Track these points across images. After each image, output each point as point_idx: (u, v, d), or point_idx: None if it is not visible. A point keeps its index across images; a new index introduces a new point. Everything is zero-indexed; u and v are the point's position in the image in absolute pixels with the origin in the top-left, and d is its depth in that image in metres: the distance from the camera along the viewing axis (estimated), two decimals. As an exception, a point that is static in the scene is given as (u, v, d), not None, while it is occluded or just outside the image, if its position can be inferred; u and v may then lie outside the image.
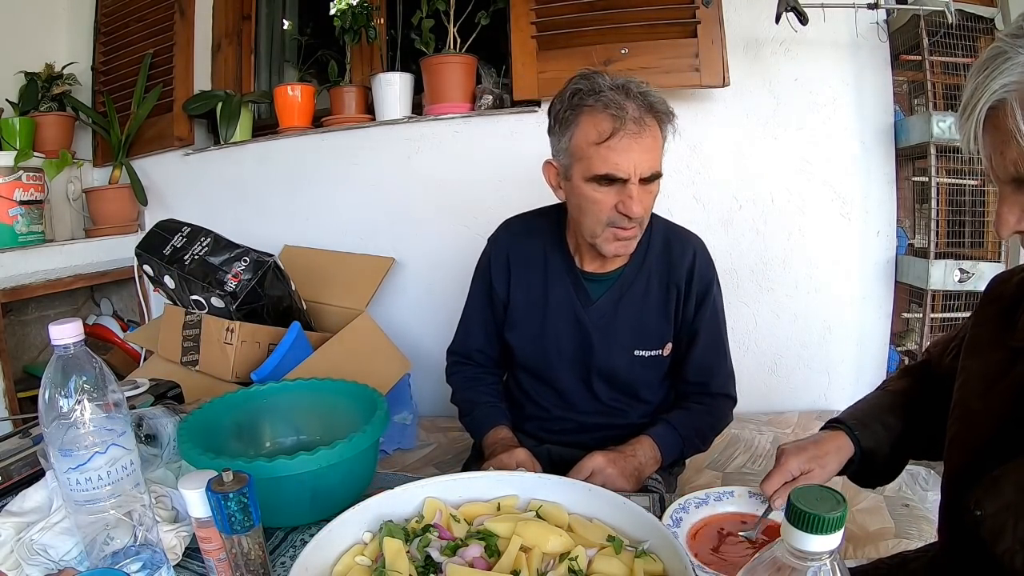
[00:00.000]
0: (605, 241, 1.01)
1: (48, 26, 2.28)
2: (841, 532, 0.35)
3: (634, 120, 0.92)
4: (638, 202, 0.95)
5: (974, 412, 0.65)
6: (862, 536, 1.20)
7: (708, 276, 1.11)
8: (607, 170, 0.94)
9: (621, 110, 0.92)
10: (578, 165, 0.97)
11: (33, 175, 1.96)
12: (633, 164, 0.93)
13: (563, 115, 0.98)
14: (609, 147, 0.93)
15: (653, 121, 0.95)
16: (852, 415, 0.81)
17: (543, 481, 0.73)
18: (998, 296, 0.69)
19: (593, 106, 0.94)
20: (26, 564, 0.67)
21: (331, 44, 2.12)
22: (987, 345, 0.67)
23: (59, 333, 0.60)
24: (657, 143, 0.96)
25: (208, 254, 1.57)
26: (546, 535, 0.64)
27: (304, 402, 0.97)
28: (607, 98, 0.93)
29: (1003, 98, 0.51)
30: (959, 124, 0.55)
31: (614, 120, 0.92)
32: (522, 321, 1.15)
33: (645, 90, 0.95)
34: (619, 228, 0.98)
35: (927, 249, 1.61)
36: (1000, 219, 0.56)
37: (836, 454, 0.77)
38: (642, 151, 0.93)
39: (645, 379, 1.13)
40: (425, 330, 2.00)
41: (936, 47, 1.58)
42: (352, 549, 0.66)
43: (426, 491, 0.72)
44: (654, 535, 0.62)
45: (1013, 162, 0.52)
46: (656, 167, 0.97)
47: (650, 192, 0.99)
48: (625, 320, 1.09)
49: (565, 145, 0.99)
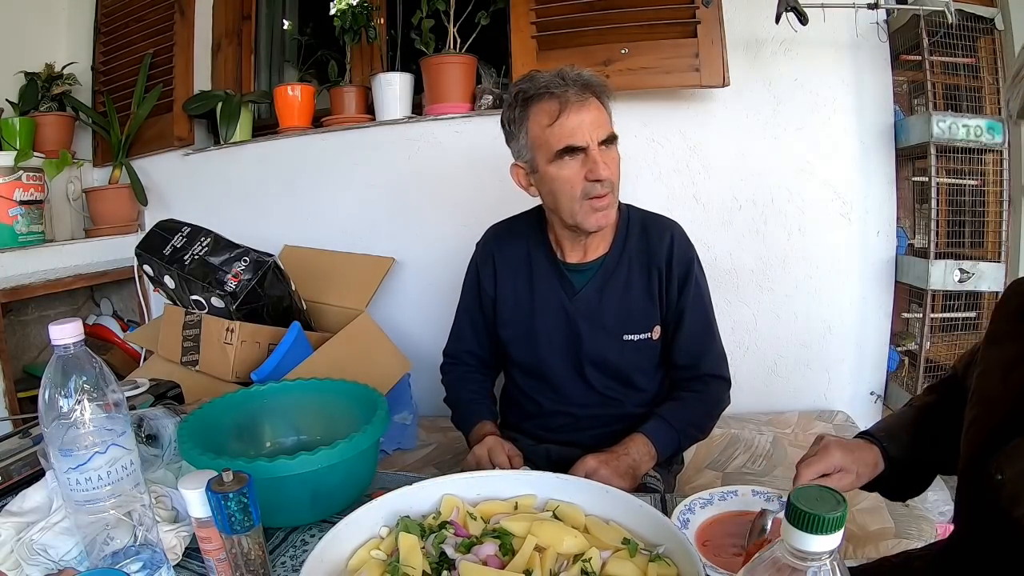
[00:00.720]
0: (585, 216, 1.05)
1: (48, 26, 2.28)
2: (841, 532, 0.35)
3: (575, 94, 1.01)
4: (603, 164, 1.02)
5: (993, 398, 0.65)
6: (862, 536, 1.20)
7: (688, 256, 1.14)
8: (566, 142, 1.02)
9: (562, 90, 1.02)
10: (540, 152, 1.05)
11: (33, 175, 1.96)
12: (587, 130, 1.01)
13: (515, 117, 1.07)
14: (561, 123, 1.01)
15: (591, 94, 1.03)
16: (880, 428, 0.80)
17: (561, 481, 0.73)
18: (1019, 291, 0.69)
19: (538, 97, 1.03)
20: (26, 564, 0.67)
21: (331, 44, 2.11)
22: (1006, 337, 0.67)
23: (59, 333, 0.60)
24: (602, 112, 1.05)
25: (208, 254, 1.57)
26: (561, 536, 0.64)
27: (304, 402, 0.97)
28: (547, 86, 1.02)
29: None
30: (1010, 88, 0.53)
31: (558, 100, 1.01)
32: (512, 318, 1.19)
33: (577, 72, 1.04)
34: (594, 198, 1.04)
35: (927, 249, 1.61)
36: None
37: (872, 468, 0.76)
38: (591, 118, 1.02)
39: (637, 364, 1.15)
40: (425, 330, 2.00)
41: (936, 47, 1.58)
42: (368, 543, 0.66)
43: (444, 488, 0.72)
44: (670, 540, 0.62)
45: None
46: (610, 129, 1.05)
47: (612, 156, 1.06)
48: (610, 306, 1.13)
49: (524, 141, 1.07)
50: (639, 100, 1.77)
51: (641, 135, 1.80)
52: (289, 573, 0.72)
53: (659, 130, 1.80)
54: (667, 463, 1.20)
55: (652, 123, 1.80)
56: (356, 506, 0.69)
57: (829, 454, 0.74)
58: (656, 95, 1.76)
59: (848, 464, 0.74)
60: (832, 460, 0.73)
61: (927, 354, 1.64)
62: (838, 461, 0.73)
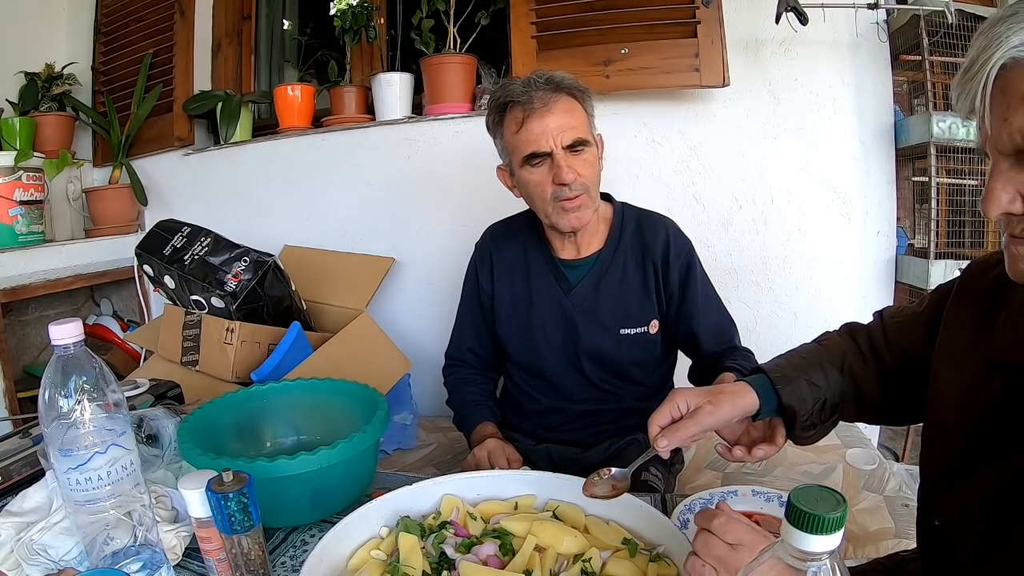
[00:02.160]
0: (558, 217, 1.07)
1: (48, 26, 2.28)
2: (841, 532, 0.35)
3: (539, 99, 1.02)
4: (567, 169, 1.03)
5: (948, 426, 0.62)
6: (862, 536, 1.20)
7: (685, 248, 1.15)
8: (530, 149, 1.04)
9: (528, 97, 1.03)
10: (513, 157, 1.08)
11: (33, 175, 1.96)
12: (550, 136, 1.02)
13: (492, 123, 1.11)
14: (526, 129, 1.03)
15: (560, 95, 1.04)
16: (777, 367, 0.73)
17: (561, 481, 0.73)
18: (972, 292, 0.65)
19: (509, 104, 1.06)
20: (26, 564, 0.67)
21: (331, 44, 2.12)
22: (962, 351, 0.63)
23: (59, 333, 0.60)
24: (572, 113, 1.04)
25: (208, 254, 1.57)
26: (561, 536, 0.64)
27: (304, 402, 0.97)
28: (515, 94, 1.05)
29: (1017, 56, 0.45)
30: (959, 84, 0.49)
31: (523, 107, 1.04)
32: (510, 316, 1.21)
33: (550, 75, 1.05)
34: (563, 200, 1.05)
35: (927, 249, 1.61)
36: (991, 196, 0.49)
37: (731, 399, 0.69)
38: (556, 123, 1.02)
39: (635, 358, 1.16)
40: (425, 330, 2.00)
41: (936, 47, 1.58)
42: (368, 543, 0.66)
43: (444, 488, 0.73)
44: (670, 540, 0.62)
45: (1020, 129, 0.45)
46: (578, 135, 1.04)
47: (583, 160, 1.05)
48: (606, 301, 1.14)
49: (501, 146, 1.12)
50: (639, 100, 1.77)
51: (641, 135, 1.80)
52: (289, 573, 0.72)
53: (659, 130, 1.80)
54: (667, 463, 1.20)
55: (652, 123, 1.80)
56: (356, 506, 0.69)
57: (673, 398, 0.69)
58: (656, 95, 1.76)
59: (698, 401, 0.68)
60: (676, 403, 0.69)
61: (927, 354, 1.64)
62: (682, 404, 0.69)
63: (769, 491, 0.82)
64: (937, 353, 0.67)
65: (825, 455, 1.45)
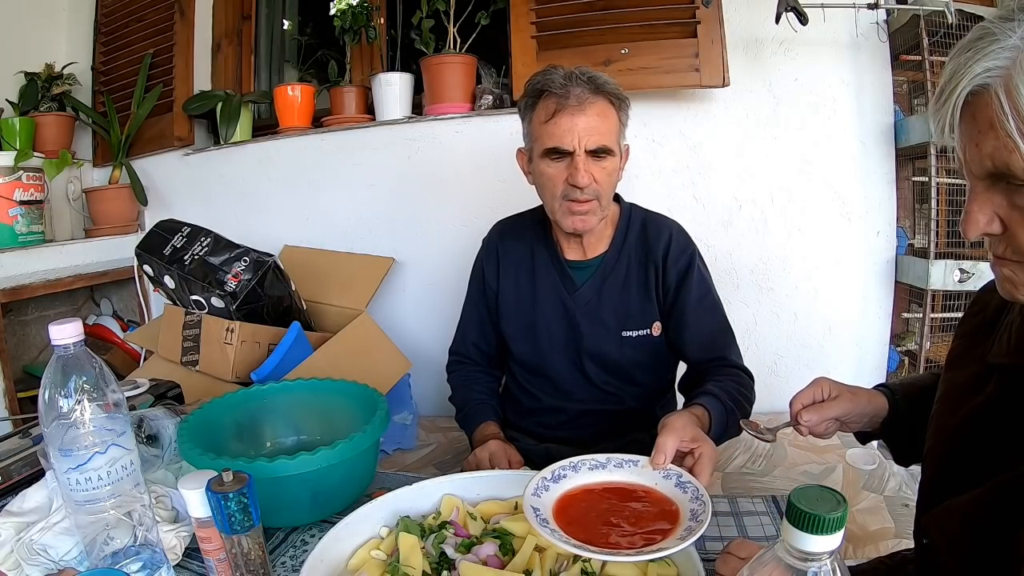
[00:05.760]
0: (563, 215, 1.07)
1: (48, 26, 2.28)
2: (841, 532, 0.35)
3: (576, 97, 1.01)
4: (584, 172, 1.01)
5: (948, 427, 0.63)
6: (862, 536, 1.20)
7: (687, 250, 1.14)
8: (553, 143, 1.02)
9: (565, 91, 1.01)
10: (535, 145, 1.07)
11: (33, 175, 1.96)
12: (576, 137, 1.01)
13: (524, 105, 1.09)
14: (554, 123, 1.02)
15: (598, 98, 1.02)
16: (899, 383, 0.80)
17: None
18: (984, 306, 0.66)
19: (545, 92, 1.04)
20: (26, 564, 0.67)
21: (331, 44, 2.12)
22: (967, 357, 0.65)
23: (59, 333, 0.60)
24: (604, 119, 1.03)
25: (208, 254, 1.57)
26: None
27: (304, 402, 0.97)
28: (555, 84, 1.03)
29: (985, 83, 0.45)
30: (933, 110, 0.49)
31: (557, 99, 1.02)
32: (514, 313, 1.21)
33: (593, 75, 1.04)
34: (572, 201, 1.04)
35: (927, 249, 1.61)
36: (969, 218, 0.50)
37: (869, 399, 0.76)
38: (586, 125, 1.01)
39: (636, 360, 1.15)
40: (425, 330, 2.00)
41: (936, 47, 1.58)
42: (368, 543, 0.66)
43: (444, 488, 0.73)
44: None
45: (990, 155, 0.46)
46: (604, 142, 1.03)
47: (602, 167, 1.04)
48: (609, 303, 1.14)
49: (527, 130, 1.10)
50: (639, 100, 1.75)
51: (641, 135, 1.80)
52: (289, 573, 0.72)
53: (659, 130, 1.80)
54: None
55: (652, 123, 1.80)
56: (356, 506, 0.69)
57: (818, 384, 0.76)
58: (656, 95, 1.76)
59: (838, 391, 0.75)
60: (820, 386, 0.76)
61: (927, 354, 1.64)
62: (826, 390, 0.75)
63: (671, 469, 0.71)
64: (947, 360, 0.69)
65: (825, 455, 1.45)
